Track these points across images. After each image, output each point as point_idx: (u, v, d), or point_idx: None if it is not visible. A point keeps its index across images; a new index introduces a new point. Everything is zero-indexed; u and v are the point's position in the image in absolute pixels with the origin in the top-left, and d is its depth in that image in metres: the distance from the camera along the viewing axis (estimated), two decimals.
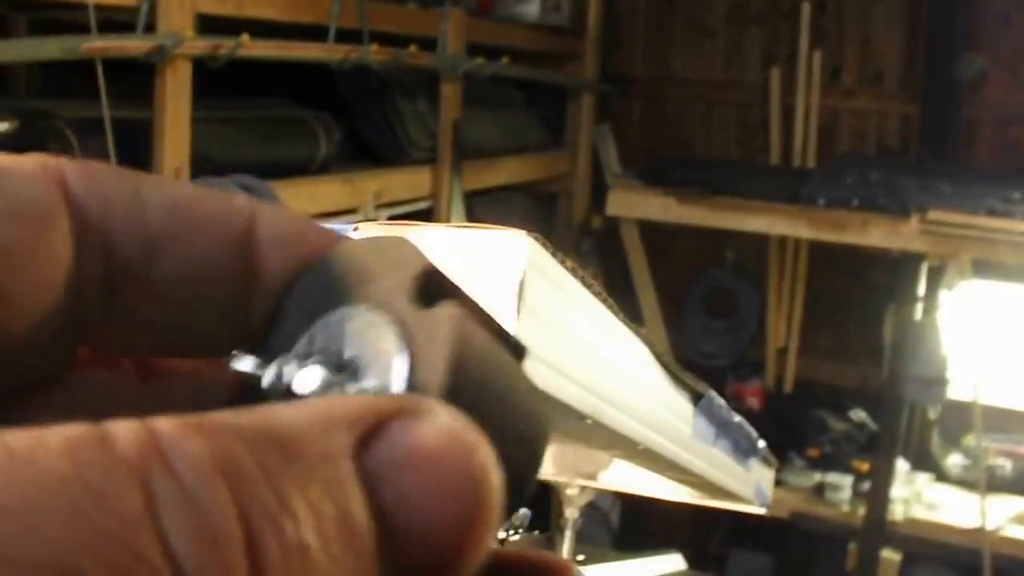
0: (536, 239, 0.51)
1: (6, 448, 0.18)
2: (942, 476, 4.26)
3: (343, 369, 0.24)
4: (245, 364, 0.26)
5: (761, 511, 1.07)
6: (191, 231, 0.27)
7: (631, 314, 0.66)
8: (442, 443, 0.21)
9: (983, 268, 3.84)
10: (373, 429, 0.21)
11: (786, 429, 4.29)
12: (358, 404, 0.21)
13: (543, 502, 1.87)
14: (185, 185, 0.27)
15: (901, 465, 4.05)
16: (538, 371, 0.53)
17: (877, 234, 3.83)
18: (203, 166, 2.43)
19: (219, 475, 0.19)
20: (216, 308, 0.27)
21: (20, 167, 0.25)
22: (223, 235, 0.27)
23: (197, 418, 0.20)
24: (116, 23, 2.26)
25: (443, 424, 0.21)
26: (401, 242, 0.26)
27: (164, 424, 0.19)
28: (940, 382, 3.85)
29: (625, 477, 1.09)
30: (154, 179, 0.27)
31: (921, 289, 3.96)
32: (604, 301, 0.62)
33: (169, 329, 0.27)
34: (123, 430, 0.19)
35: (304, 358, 0.25)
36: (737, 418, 0.91)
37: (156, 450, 0.19)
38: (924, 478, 4.20)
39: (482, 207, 3.80)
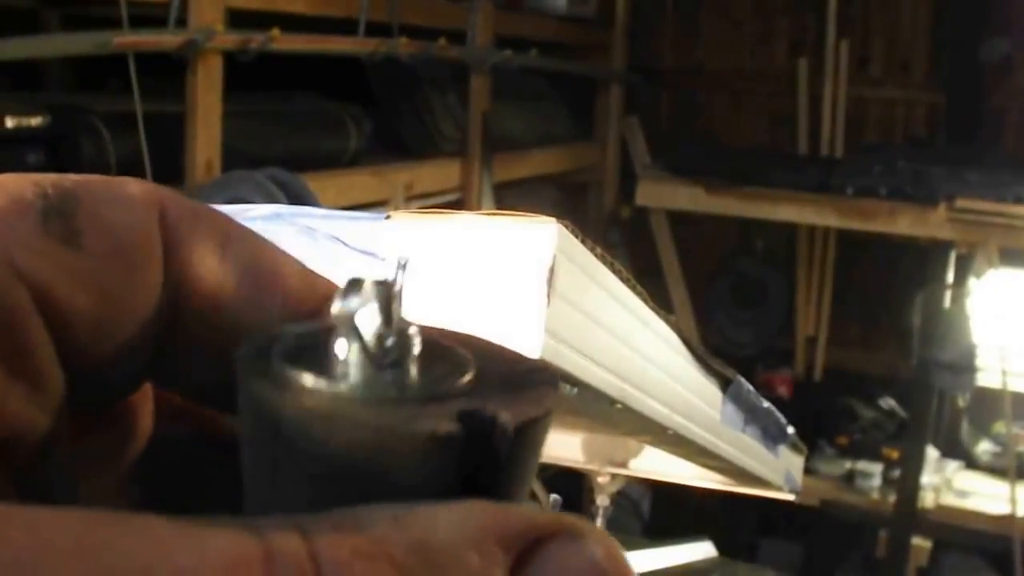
0: (565, 226, 0.52)
1: (158, 559, 0.18)
2: (972, 463, 4.25)
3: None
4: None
5: (791, 497, 1.07)
6: (266, 294, 0.27)
7: (660, 304, 0.67)
8: (600, 571, 0.21)
9: (1011, 256, 3.83)
10: (530, 548, 0.20)
11: (816, 417, 4.29)
12: (517, 519, 0.20)
13: (574, 490, 1.88)
14: (273, 248, 0.28)
15: (931, 452, 4.04)
16: (568, 356, 0.55)
17: (905, 222, 3.82)
18: (234, 159, 2.44)
19: None
20: None
21: (124, 194, 0.26)
22: (297, 310, 0.27)
23: (356, 540, 0.19)
24: (148, 18, 2.27)
25: (601, 549, 0.21)
26: None
27: (327, 550, 0.19)
28: (969, 369, 3.84)
29: (655, 464, 1.09)
30: (243, 232, 0.27)
31: (949, 277, 3.95)
32: (633, 288, 0.62)
33: (214, 374, 0.27)
34: (286, 553, 0.19)
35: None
36: (766, 404, 0.91)
37: None
38: (954, 465, 4.19)
39: (511, 198, 3.81)
